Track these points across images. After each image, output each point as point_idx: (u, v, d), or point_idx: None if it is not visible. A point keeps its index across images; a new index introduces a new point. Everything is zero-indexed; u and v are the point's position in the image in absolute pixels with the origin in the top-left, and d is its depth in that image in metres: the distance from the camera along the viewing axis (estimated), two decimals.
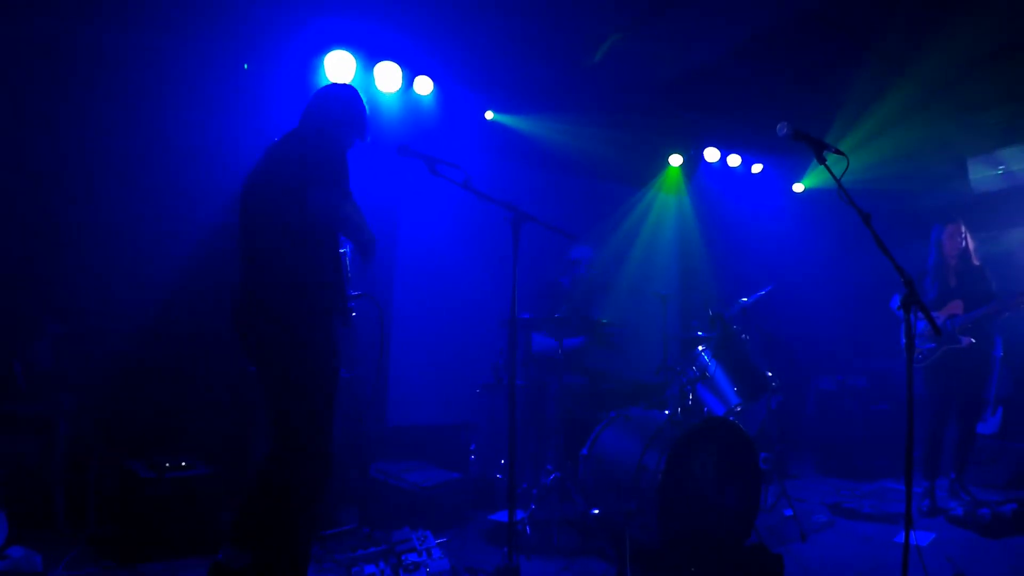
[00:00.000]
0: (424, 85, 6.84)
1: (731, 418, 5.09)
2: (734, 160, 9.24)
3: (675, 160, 9.07)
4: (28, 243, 5.53)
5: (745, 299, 5.86)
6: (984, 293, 6.34)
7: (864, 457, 7.79)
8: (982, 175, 8.82)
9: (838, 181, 3.59)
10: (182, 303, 5.93)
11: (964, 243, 6.47)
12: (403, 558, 4.45)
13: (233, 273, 5.74)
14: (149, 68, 5.84)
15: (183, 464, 4.94)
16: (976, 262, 6.50)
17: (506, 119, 7.60)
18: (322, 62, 6.26)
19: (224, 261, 5.95)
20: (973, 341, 6.23)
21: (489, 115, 7.49)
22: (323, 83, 6.35)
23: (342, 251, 3.85)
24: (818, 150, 3.67)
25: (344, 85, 4.05)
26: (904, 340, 6.49)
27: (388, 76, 6.52)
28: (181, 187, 5.98)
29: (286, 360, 3.52)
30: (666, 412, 5.09)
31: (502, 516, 5.15)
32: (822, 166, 3.69)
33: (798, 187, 9.75)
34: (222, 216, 6.00)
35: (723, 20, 6.32)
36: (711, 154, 9.08)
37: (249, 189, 3.73)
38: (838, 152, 3.67)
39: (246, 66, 6.11)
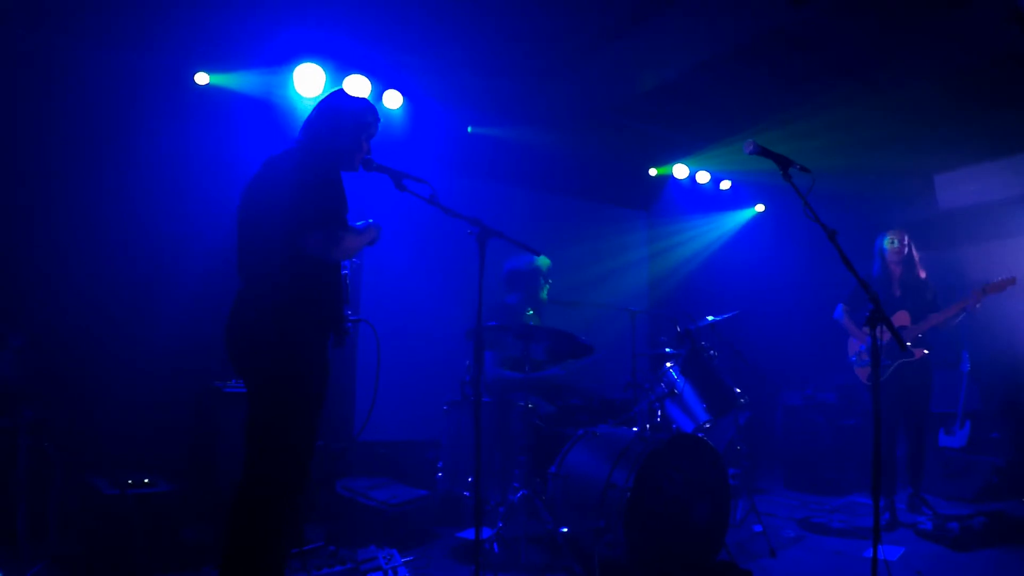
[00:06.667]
0: (393, 99, 6.83)
1: (700, 434, 5.08)
2: (703, 177, 9.29)
3: (647, 176, 9.11)
4: None
5: (712, 317, 5.86)
6: (929, 303, 6.36)
7: (833, 472, 7.81)
8: (949, 192, 8.93)
9: (803, 197, 3.60)
10: (147, 318, 5.89)
11: (908, 252, 6.47)
12: None
13: (200, 287, 5.75)
14: (107, 78, 5.83)
15: (146, 481, 4.87)
16: (921, 273, 6.51)
17: (477, 133, 7.62)
18: (291, 74, 6.25)
19: (189, 275, 5.94)
20: (927, 352, 6.25)
21: (469, 130, 7.54)
22: (292, 94, 6.37)
23: (343, 273, 3.79)
24: (784, 166, 3.68)
25: (356, 99, 3.82)
26: (853, 356, 6.62)
27: (357, 89, 6.48)
28: (142, 200, 5.94)
29: (275, 375, 3.44)
30: (634, 429, 5.06)
31: (469, 534, 5.10)
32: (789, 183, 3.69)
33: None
34: (187, 227, 5.98)
35: (694, 37, 6.35)
36: (680, 171, 9.13)
37: (245, 205, 3.63)
38: (804, 169, 3.66)
39: (198, 78, 6.08)
